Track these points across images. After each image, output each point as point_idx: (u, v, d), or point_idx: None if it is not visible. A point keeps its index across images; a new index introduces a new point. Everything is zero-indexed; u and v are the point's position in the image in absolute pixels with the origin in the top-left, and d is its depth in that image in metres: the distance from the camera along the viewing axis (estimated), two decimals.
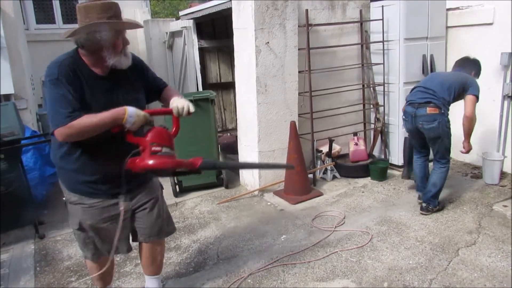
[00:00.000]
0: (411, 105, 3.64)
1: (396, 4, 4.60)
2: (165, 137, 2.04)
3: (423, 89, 3.63)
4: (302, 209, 4.02)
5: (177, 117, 2.15)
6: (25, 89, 4.81)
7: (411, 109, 3.62)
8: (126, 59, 2.09)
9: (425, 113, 3.52)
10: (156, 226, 2.44)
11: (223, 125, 7.33)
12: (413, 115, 3.59)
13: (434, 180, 3.71)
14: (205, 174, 4.59)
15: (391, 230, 3.48)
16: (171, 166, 2.01)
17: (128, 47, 2.12)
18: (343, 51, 4.97)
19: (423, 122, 3.54)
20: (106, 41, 1.98)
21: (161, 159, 1.98)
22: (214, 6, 5.24)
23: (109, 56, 2.01)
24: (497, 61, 4.47)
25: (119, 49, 2.05)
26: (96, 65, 2.06)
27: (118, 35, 2.03)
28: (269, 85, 4.27)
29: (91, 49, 2.01)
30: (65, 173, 2.20)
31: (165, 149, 2.01)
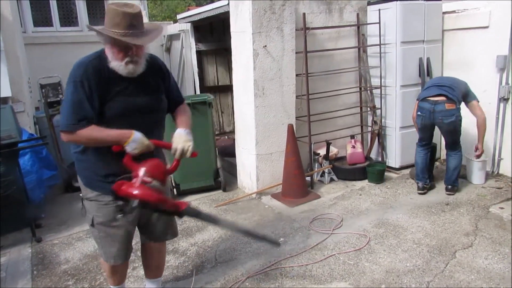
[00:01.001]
0: (428, 102, 3.96)
1: (392, 8, 4.63)
2: (159, 172, 2.04)
3: (438, 86, 3.98)
4: (300, 212, 4.02)
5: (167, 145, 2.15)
6: (23, 92, 4.80)
7: (429, 105, 3.93)
8: (125, 68, 2.06)
9: (444, 109, 3.88)
10: (167, 227, 2.51)
11: (221, 128, 7.33)
12: (431, 111, 3.91)
13: (455, 165, 4.15)
14: (203, 176, 4.60)
15: (389, 233, 3.49)
16: (155, 201, 1.98)
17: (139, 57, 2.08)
18: (340, 54, 4.99)
19: (443, 117, 3.90)
20: (107, 44, 2.05)
21: (147, 191, 1.96)
22: (212, 10, 5.26)
23: (111, 60, 2.05)
24: (493, 64, 4.51)
25: (118, 57, 2.04)
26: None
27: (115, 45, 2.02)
28: (267, 88, 4.29)
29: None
30: (82, 168, 2.25)
31: (155, 183, 2.00)
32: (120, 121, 2.08)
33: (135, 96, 2.13)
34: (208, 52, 6.94)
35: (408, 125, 4.87)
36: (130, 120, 2.10)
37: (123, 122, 2.08)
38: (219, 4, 5.03)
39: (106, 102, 2.05)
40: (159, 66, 2.30)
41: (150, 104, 2.19)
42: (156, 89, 2.25)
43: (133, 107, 2.12)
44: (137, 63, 2.08)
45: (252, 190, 4.51)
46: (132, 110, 2.12)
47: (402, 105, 4.82)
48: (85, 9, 7.73)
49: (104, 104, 2.05)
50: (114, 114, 2.08)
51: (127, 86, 2.11)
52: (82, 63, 2.06)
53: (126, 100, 2.11)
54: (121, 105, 2.09)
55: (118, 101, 2.08)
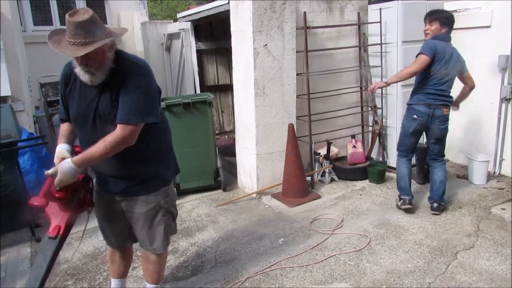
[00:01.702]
0: (426, 106, 3.61)
1: (393, 7, 4.61)
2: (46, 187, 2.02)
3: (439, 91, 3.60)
4: (300, 212, 4.01)
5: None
6: (22, 91, 4.79)
7: (427, 109, 3.61)
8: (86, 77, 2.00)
9: (442, 114, 3.62)
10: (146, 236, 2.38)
11: (221, 127, 7.31)
12: (430, 115, 3.61)
13: (441, 178, 3.79)
14: (203, 176, 4.59)
15: (389, 233, 3.47)
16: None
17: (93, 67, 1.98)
18: (341, 53, 4.97)
19: (439, 123, 3.63)
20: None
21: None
22: (212, 9, 5.24)
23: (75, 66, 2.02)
24: (494, 64, 4.49)
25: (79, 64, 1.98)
26: None
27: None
28: (267, 87, 4.27)
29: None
30: None
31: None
32: (76, 126, 2.20)
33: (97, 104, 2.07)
34: (209, 51, 6.91)
35: None
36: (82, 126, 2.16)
37: (79, 127, 2.18)
38: (219, 3, 5.00)
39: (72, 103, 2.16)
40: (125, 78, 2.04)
41: (101, 111, 2.07)
42: (110, 99, 2.05)
43: (84, 111, 2.10)
44: (92, 73, 1.99)
45: (252, 190, 4.49)
46: (81, 117, 2.13)
47: (403, 105, 4.77)
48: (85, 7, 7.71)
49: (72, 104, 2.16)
50: (72, 117, 2.19)
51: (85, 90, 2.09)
52: (65, 65, 2.19)
53: (88, 105, 2.08)
54: (80, 110, 2.12)
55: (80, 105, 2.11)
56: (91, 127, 2.12)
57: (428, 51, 3.50)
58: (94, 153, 1.99)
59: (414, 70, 3.55)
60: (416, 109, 3.67)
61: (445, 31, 3.59)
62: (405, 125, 3.80)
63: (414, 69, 3.54)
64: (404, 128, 3.82)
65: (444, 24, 3.59)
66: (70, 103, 2.16)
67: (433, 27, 3.61)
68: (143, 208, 2.30)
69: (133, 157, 2.17)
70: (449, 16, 3.64)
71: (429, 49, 3.50)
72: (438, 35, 3.60)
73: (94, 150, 1.99)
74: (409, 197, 3.83)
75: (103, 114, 2.07)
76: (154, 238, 2.38)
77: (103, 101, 2.06)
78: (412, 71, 3.56)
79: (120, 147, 2.03)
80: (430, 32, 3.63)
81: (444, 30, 3.59)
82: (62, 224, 2.10)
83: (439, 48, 3.52)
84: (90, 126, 2.11)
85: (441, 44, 3.54)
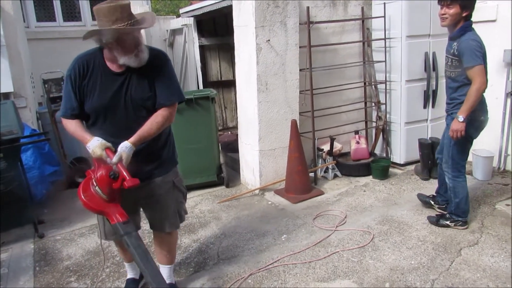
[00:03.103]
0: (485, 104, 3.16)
1: (398, 2, 4.56)
2: (102, 183, 2.11)
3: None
4: (303, 208, 3.99)
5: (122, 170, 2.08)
6: (25, 87, 4.78)
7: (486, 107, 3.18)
8: (136, 60, 2.13)
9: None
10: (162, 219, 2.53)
11: (224, 123, 7.30)
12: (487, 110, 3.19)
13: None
14: (206, 172, 4.58)
15: (393, 230, 3.45)
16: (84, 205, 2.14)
17: (141, 47, 2.15)
18: (344, 48, 4.93)
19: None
20: (113, 43, 2.08)
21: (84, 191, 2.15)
22: (214, 4, 5.22)
23: (119, 56, 2.11)
24: (500, 58, 4.43)
25: (130, 49, 2.10)
26: (112, 61, 2.19)
27: (124, 37, 2.07)
28: (270, 83, 4.24)
29: (106, 48, 2.15)
30: None
31: (97, 189, 2.13)
32: (100, 115, 2.22)
33: (125, 91, 2.19)
34: (211, 46, 6.89)
35: (413, 120, 4.82)
36: (111, 115, 2.21)
37: (104, 116, 2.21)
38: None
39: (87, 96, 2.18)
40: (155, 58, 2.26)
41: (134, 99, 2.21)
42: (147, 84, 2.23)
43: (113, 101, 2.18)
44: (139, 55, 2.14)
45: (255, 186, 4.48)
46: (109, 106, 2.19)
47: (407, 101, 4.75)
48: (88, 4, 7.71)
49: (87, 96, 2.18)
50: (94, 107, 2.19)
51: (114, 81, 2.19)
52: (75, 58, 2.21)
53: (115, 93, 2.18)
54: (107, 99, 2.17)
55: (106, 94, 2.17)
56: (122, 114, 2.21)
57: (479, 57, 2.93)
58: (148, 133, 2.18)
59: (484, 87, 2.96)
60: (483, 110, 3.15)
61: (466, 15, 3.01)
62: (471, 133, 3.16)
63: (483, 86, 2.95)
64: (466, 138, 3.16)
65: (466, 6, 2.99)
66: (89, 94, 2.18)
67: (452, 10, 3.00)
68: (162, 189, 2.44)
69: (158, 139, 2.33)
70: None
71: (479, 54, 2.94)
72: (465, 26, 3.02)
73: (147, 130, 2.18)
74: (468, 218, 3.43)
75: (139, 99, 2.21)
76: (172, 216, 2.54)
77: (136, 88, 2.20)
78: (483, 89, 2.96)
79: (165, 126, 2.28)
80: (449, 17, 3.02)
81: (465, 13, 3.00)
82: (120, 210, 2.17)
83: (481, 42, 2.99)
84: (121, 114, 2.21)
85: (478, 37, 3.01)
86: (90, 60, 2.19)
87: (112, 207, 2.16)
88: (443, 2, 3.05)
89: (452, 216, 3.42)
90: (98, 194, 2.12)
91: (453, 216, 3.42)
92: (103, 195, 2.12)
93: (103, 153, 2.09)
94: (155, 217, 2.54)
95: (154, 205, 2.48)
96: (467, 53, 2.94)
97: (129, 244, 2.12)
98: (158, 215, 2.52)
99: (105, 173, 2.08)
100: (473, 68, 2.93)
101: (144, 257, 2.10)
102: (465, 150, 3.27)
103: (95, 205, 2.13)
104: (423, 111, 4.88)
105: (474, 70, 2.93)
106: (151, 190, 2.41)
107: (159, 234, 2.63)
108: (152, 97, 2.24)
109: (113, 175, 2.07)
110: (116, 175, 2.07)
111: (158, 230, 2.60)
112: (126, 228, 2.14)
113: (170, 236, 2.64)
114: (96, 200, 2.13)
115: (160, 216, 2.52)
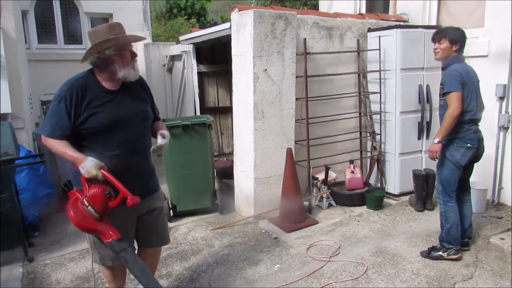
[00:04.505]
0: (475, 132, 3.29)
1: (392, 35, 4.68)
2: (96, 201, 2.13)
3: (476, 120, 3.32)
4: (296, 238, 3.96)
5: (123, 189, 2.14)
6: (23, 108, 4.81)
7: (476, 135, 3.30)
8: (134, 73, 2.32)
9: (482, 136, 3.39)
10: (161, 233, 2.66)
11: (220, 149, 7.31)
12: (478, 140, 3.31)
13: (471, 212, 3.63)
14: (200, 198, 4.56)
15: (387, 262, 3.43)
16: (73, 223, 2.15)
17: (137, 60, 2.37)
18: (340, 79, 5.02)
19: (483, 145, 3.39)
20: (115, 55, 2.23)
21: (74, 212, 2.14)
22: (214, 32, 5.31)
23: (119, 69, 2.25)
24: (492, 92, 4.52)
25: (128, 61, 2.29)
26: (108, 80, 2.30)
27: (125, 48, 2.28)
28: (266, 111, 4.29)
29: (104, 65, 2.26)
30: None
31: (90, 209, 2.13)
32: (112, 130, 2.27)
33: (124, 105, 2.32)
34: (209, 73, 6.98)
35: (407, 151, 4.86)
36: (126, 128, 2.31)
37: (119, 130, 2.28)
38: (221, 27, 5.08)
39: (93, 114, 2.23)
40: (140, 79, 2.47)
41: (139, 112, 2.40)
42: (142, 99, 2.46)
43: (122, 115, 2.30)
44: (135, 67, 2.35)
45: (249, 214, 4.46)
46: (121, 118, 2.30)
47: (402, 131, 4.81)
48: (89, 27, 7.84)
49: (92, 115, 2.23)
50: (104, 124, 2.24)
51: (114, 97, 2.31)
52: (69, 81, 2.27)
53: (115, 110, 2.28)
54: (110, 116, 2.26)
55: (107, 112, 2.26)
56: (132, 126, 2.35)
57: (456, 84, 3.15)
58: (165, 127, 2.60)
59: (457, 112, 3.14)
60: (468, 137, 3.26)
61: (456, 49, 3.26)
62: (457, 159, 3.29)
63: (457, 111, 3.13)
64: (453, 164, 3.31)
65: (455, 41, 3.25)
66: (93, 114, 2.23)
67: (443, 45, 3.27)
68: (160, 202, 2.63)
69: (150, 155, 2.51)
70: (459, 31, 3.30)
71: (457, 82, 3.16)
72: (452, 58, 3.27)
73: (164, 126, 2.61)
74: (460, 247, 3.46)
75: (143, 111, 2.42)
76: (167, 229, 2.74)
77: (135, 102, 2.39)
78: (456, 114, 3.14)
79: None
80: (440, 51, 3.29)
81: (455, 48, 3.26)
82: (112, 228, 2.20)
83: (462, 72, 3.19)
84: (130, 126, 2.34)
85: (464, 67, 3.24)
86: (86, 82, 2.27)
87: (104, 225, 2.18)
88: (435, 38, 3.37)
89: (443, 245, 3.43)
90: (90, 213, 2.13)
91: (444, 244, 3.43)
92: (96, 213, 2.14)
93: (99, 173, 2.13)
94: (155, 231, 2.60)
95: (156, 219, 2.58)
96: (447, 80, 3.22)
97: (127, 260, 2.13)
98: (160, 228, 2.63)
99: (100, 192, 2.11)
100: (450, 94, 3.17)
101: (144, 271, 2.13)
102: (453, 176, 3.36)
103: (88, 224, 2.15)
104: (418, 142, 4.94)
105: (451, 95, 3.17)
106: (152, 205, 2.52)
107: (154, 250, 2.71)
108: (149, 110, 2.50)
109: (108, 194, 2.11)
110: (111, 194, 2.11)
111: (156, 245, 2.70)
112: (121, 245, 2.16)
113: (160, 250, 2.82)
114: (89, 219, 2.14)
115: (161, 229, 2.63)
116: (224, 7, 20.87)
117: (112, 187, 2.15)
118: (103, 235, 2.16)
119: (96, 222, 2.16)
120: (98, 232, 2.18)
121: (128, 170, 2.27)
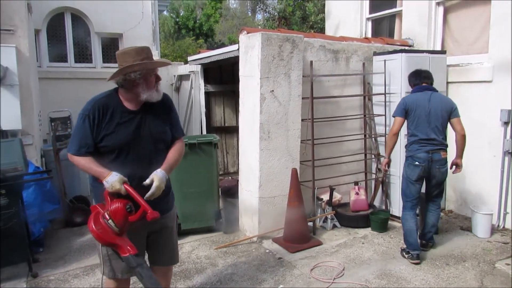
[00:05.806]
0: (425, 152, 3.76)
1: (398, 59, 4.76)
2: (117, 215, 2.19)
3: (428, 141, 3.77)
4: (300, 258, 3.95)
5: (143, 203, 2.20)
6: (32, 125, 4.89)
7: (426, 155, 3.75)
8: (157, 94, 2.38)
9: (440, 158, 3.78)
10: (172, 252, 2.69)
11: (225, 168, 7.35)
12: (429, 160, 3.75)
13: (434, 221, 4.03)
14: (205, 217, 4.57)
15: (391, 285, 3.40)
16: (94, 236, 2.21)
17: (160, 83, 2.43)
18: (346, 101, 5.08)
19: (440, 166, 3.78)
20: (140, 78, 2.30)
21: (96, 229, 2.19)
22: (222, 54, 5.43)
23: (143, 92, 2.33)
24: (497, 118, 4.56)
25: (152, 85, 2.36)
26: (130, 100, 2.37)
27: (150, 73, 2.35)
28: (272, 132, 4.34)
29: (129, 87, 2.33)
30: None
31: (110, 222, 2.19)
32: (125, 150, 2.33)
33: (140, 126, 2.37)
34: (216, 93, 7.09)
35: None
36: (139, 148, 2.36)
37: (131, 150, 2.34)
38: (229, 48, 5.19)
39: (108, 134, 2.30)
40: (164, 97, 2.51)
41: (154, 133, 2.42)
42: (162, 120, 2.48)
43: (134, 136, 2.35)
44: (159, 90, 2.40)
45: (254, 233, 4.45)
46: (133, 139, 2.35)
47: None
48: (99, 47, 8.02)
49: (108, 135, 2.30)
50: (116, 144, 2.31)
51: (133, 118, 2.37)
52: (92, 100, 2.35)
53: (135, 130, 2.35)
54: (129, 136, 2.33)
55: (126, 131, 2.33)
56: (145, 147, 2.39)
57: (398, 111, 3.88)
58: (175, 160, 2.48)
59: (393, 132, 3.90)
60: (416, 156, 3.79)
61: (413, 85, 4.02)
62: (408, 174, 3.87)
63: (393, 131, 3.91)
64: (406, 178, 3.89)
65: (410, 82, 4.07)
66: (112, 133, 2.31)
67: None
68: (173, 221, 2.66)
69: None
70: (412, 73, 4.06)
71: (398, 109, 3.89)
72: (413, 89, 3.99)
73: (174, 158, 2.48)
74: (417, 252, 3.82)
75: (158, 133, 2.44)
76: (177, 248, 2.77)
77: (154, 123, 2.42)
78: (392, 134, 3.93)
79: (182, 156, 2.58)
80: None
81: (412, 84, 4.04)
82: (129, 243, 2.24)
83: (408, 101, 3.85)
84: (144, 147, 2.38)
85: (413, 97, 3.88)
86: (108, 101, 2.35)
87: (122, 239, 2.23)
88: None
89: (405, 248, 3.93)
90: (110, 227, 2.19)
91: (405, 247, 3.93)
92: (116, 227, 2.19)
93: (122, 187, 2.20)
94: (166, 250, 2.64)
95: (169, 238, 2.62)
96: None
97: (143, 276, 2.17)
98: (170, 247, 2.66)
99: (121, 206, 2.17)
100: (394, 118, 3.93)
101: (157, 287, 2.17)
102: (407, 189, 3.91)
103: (108, 238, 2.20)
104: None
105: (393, 119, 3.94)
106: (165, 223, 2.55)
107: (165, 268, 2.72)
108: (167, 131, 2.50)
109: (129, 208, 2.17)
110: (132, 209, 2.17)
111: (166, 264, 2.71)
112: (138, 260, 2.21)
113: (171, 268, 2.82)
114: (109, 233, 2.19)
115: (171, 247, 2.66)
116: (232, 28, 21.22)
117: (132, 201, 2.20)
118: (121, 249, 2.21)
119: (116, 236, 2.21)
120: (116, 246, 2.22)
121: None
